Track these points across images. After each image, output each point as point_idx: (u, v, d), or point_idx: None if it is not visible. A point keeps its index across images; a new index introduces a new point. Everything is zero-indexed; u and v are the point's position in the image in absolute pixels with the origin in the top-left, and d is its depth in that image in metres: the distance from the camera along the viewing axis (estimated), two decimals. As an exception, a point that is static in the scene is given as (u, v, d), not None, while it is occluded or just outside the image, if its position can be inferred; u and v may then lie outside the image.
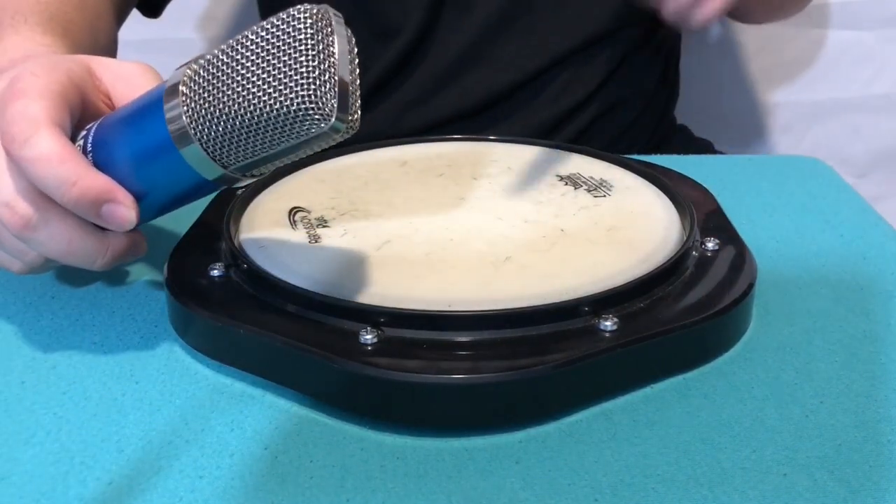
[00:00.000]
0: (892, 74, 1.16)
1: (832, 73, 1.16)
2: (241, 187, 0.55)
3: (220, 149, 0.38)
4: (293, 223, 0.50)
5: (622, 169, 0.57)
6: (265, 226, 0.50)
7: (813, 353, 0.44)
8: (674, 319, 0.42)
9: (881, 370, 0.43)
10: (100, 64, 0.46)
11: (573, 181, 0.55)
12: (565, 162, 0.58)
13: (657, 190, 0.54)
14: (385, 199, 0.52)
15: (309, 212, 0.51)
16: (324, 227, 0.49)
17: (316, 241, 0.47)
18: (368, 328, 0.40)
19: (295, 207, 0.51)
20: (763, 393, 0.41)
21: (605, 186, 0.54)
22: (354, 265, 0.45)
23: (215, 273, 0.46)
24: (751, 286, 0.45)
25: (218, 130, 0.38)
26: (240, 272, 0.46)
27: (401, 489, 0.36)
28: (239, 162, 0.39)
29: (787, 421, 0.40)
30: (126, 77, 0.45)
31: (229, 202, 0.53)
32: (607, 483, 0.36)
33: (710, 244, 0.48)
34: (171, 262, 0.48)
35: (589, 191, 0.53)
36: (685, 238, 0.48)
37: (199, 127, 0.38)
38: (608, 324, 0.41)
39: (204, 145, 0.38)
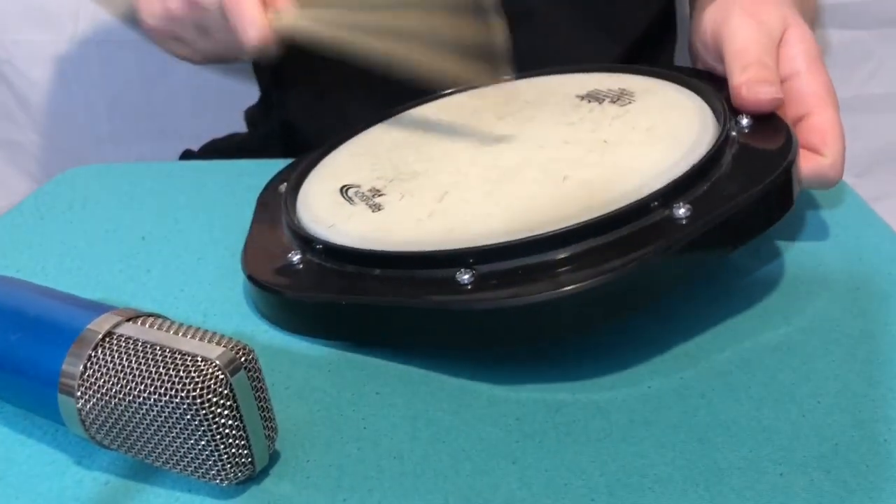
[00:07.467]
0: (891, 74, 1.16)
1: (830, 72, 1.16)
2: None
3: (95, 430, 0.36)
4: (349, 199, 0.50)
5: (635, 76, 0.57)
6: (324, 208, 0.50)
7: (810, 352, 0.44)
8: (740, 191, 0.43)
9: (878, 370, 0.43)
10: None
11: (594, 97, 0.55)
12: (580, 82, 0.58)
13: (676, 86, 0.55)
14: (424, 157, 0.53)
15: (359, 186, 0.51)
16: (380, 196, 0.49)
17: (379, 210, 0.48)
18: (462, 269, 0.41)
19: (345, 185, 0.52)
20: (760, 393, 0.41)
21: (626, 94, 0.54)
22: (424, 221, 0.46)
23: (296, 258, 0.47)
24: (793, 147, 0.46)
25: (103, 425, 0.35)
26: (319, 253, 0.47)
27: (398, 489, 0.36)
28: (106, 444, 0.36)
29: (784, 421, 0.40)
30: None
31: (274, 198, 0.55)
32: (604, 483, 0.36)
33: (744, 121, 0.49)
34: (246, 260, 0.50)
35: (613, 101, 0.53)
36: (723, 120, 0.49)
37: (88, 413, 0.35)
38: (682, 211, 0.42)
39: (82, 417, 0.36)
